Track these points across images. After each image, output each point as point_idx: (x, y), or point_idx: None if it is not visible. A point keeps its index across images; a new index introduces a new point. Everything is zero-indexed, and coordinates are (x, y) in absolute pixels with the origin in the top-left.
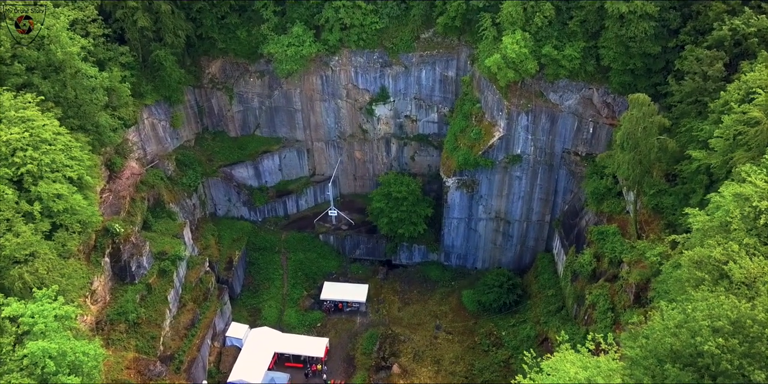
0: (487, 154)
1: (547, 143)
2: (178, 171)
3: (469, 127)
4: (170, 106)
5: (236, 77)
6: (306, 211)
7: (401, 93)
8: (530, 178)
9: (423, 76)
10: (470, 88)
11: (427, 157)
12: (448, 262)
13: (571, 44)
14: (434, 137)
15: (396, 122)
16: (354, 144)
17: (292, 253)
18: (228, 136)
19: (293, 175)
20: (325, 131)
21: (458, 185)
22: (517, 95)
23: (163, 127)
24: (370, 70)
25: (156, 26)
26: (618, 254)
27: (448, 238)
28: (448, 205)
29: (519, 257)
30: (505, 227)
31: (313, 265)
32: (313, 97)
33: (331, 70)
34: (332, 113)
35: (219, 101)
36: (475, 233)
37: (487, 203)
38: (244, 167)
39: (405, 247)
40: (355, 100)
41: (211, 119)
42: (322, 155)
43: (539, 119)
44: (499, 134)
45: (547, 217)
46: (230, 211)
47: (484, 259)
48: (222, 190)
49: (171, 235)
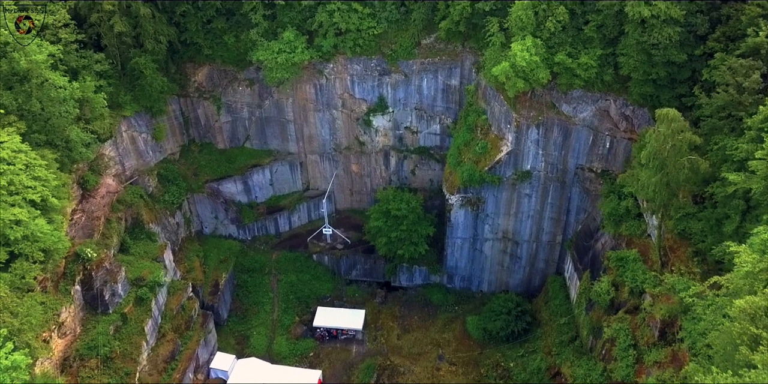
0: (494, 170)
1: (559, 159)
2: (160, 187)
3: (474, 141)
4: (152, 118)
5: (224, 86)
6: (299, 228)
7: (401, 103)
8: (541, 196)
9: (424, 85)
10: (475, 98)
11: (428, 171)
12: (452, 284)
13: (586, 51)
14: (436, 150)
15: (395, 134)
16: (350, 157)
17: (284, 274)
18: (216, 149)
19: (285, 190)
20: (319, 143)
21: (462, 203)
22: (526, 106)
23: (143, 140)
24: (368, 79)
25: (135, 31)
26: (640, 284)
27: (452, 258)
28: (452, 224)
29: (528, 280)
30: (513, 248)
31: (306, 288)
32: (306, 107)
33: (326, 79)
34: (327, 124)
35: (206, 111)
36: (481, 254)
37: (494, 222)
38: (233, 182)
39: (405, 269)
40: (352, 110)
41: (197, 130)
42: (317, 169)
43: (551, 133)
44: (507, 149)
45: (558, 238)
46: (217, 229)
47: (491, 281)
48: (208, 207)
49: (150, 259)
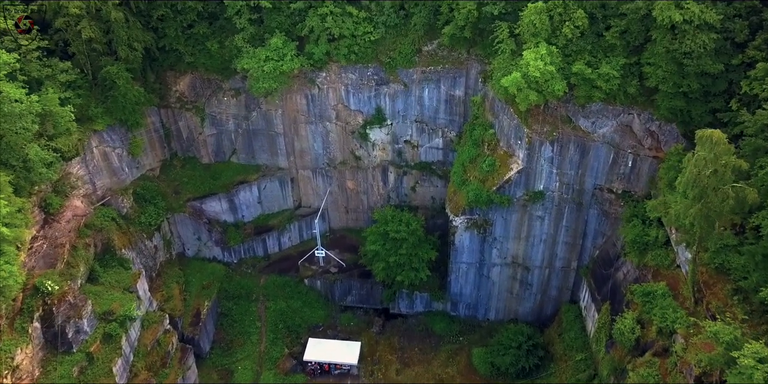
0: (503, 190)
1: (575, 178)
2: (136, 207)
3: (480, 157)
4: (128, 131)
5: (208, 96)
6: (289, 250)
7: (400, 115)
8: (554, 219)
9: (425, 96)
10: (482, 111)
11: (430, 188)
12: (456, 312)
13: (608, 61)
14: (438, 165)
15: (394, 148)
16: (345, 172)
17: (272, 301)
18: (199, 163)
19: (275, 208)
20: (311, 158)
21: (468, 225)
22: (539, 121)
23: (118, 156)
24: (364, 89)
25: (107, 37)
26: (670, 323)
27: (456, 285)
28: (456, 248)
29: (539, 308)
30: (523, 274)
31: (297, 316)
32: (297, 119)
33: (318, 89)
34: (320, 137)
35: (188, 123)
36: (488, 280)
37: (503, 247)
38: (217, 200)
39: (405, 295)
40: (347, 122)
41: (179, 144)
42: (309, 185)
43: (567, 150)
44: (517, 167)
45: (573, 264)
46: (200, 251)
47: (498, 309)
48: (190, 228)
49: (122, 289)
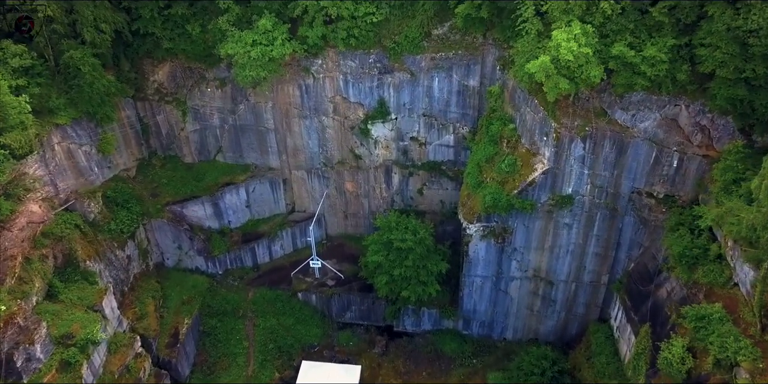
0: (526, 194)
1: (610, 180)
2: (106, 213)
3: (499, 156)
4: (97, 126)
5: (190, 87)
6: (281, 259)
7: (406, 108)
8: (584, 227)
9: (435, 86)
10: (500, 103)
11: (439, 191)
12: (468, 330)
13: (654, 41)
14: (449, 165)
15: (399, 146)
16: (344, 173)
17: (262, 317)
18: (181, 163)
19: (265, 213)
20: (306, 157)
21: (484, 234)
22: (569, 114)
23: (85, 154)
24: (365, 78)
25: (70, 18)
26: (732, 354)
27: (469, 300)
28: (470, 259)
29: (562, 327)
30: (546, 289)
31: (289, 335)
32: (289, 113)
33: (313, 78)
34: (315, 134)
35: (168, 118)
36: (506, 296)
37: (523, 258)
38: (200, 204)
39: (411, 311)
40: (345, 116)
41: (159, 141)
42: (303, 187)
43: (601, 147)
44: (542, 167)
45: (604, 278)
46: (181, 261)
47: (516, 327)
48: (169, 235)
49: (85, 307)
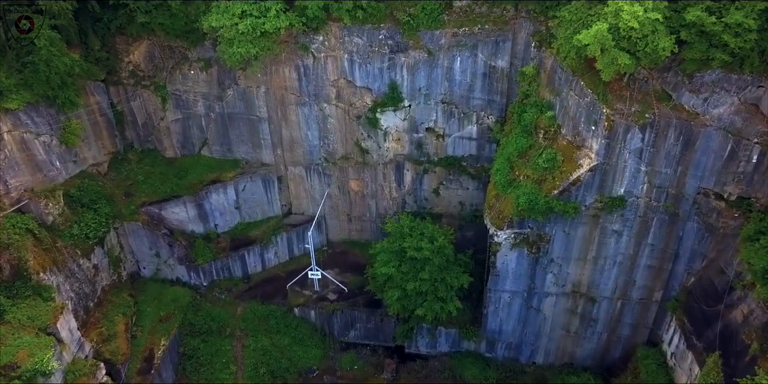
0: (568, 195)
1: (672, 179)
2: (68, 215)
3: (534, 149)
4: (58, 112)
5: (170, 69)
6: (275, 269)
7: (421, 93)
8: (636, 235)
9: (456, 67)
10: (535, 87)
11: (458, 191)
12: (492, 353)
13: (739, 5)
14: (471, 161)
15: (413, 138)
16: (348, 170)
17: (252, 337)
18: (161, 157)
19: (257, 216)
20: (304, 151)
21: (516, 242)
22: (624, 98)
23: (44, 145)
24: (374, 58)
25: None
26: None
27: (494, 319)
28: (498, 272)
29: (603, 351)
30: (586, 307)
31: (284, 357)
32: (285, 100)
33: (313, 58)
34: (315, 124)
35: (146, 105)
36: (538, 314)
37: (561, 271)
38: (182, 205)
39: (426, 331)
40: (351, 104)
41: (135, 131)
42: (301, 186)
43: (663, 138)
44: (589, 162)
45: (656, 295)
46: (159, 271)
47: (549, 350)
48: (145, 241)
49: (36, 329)
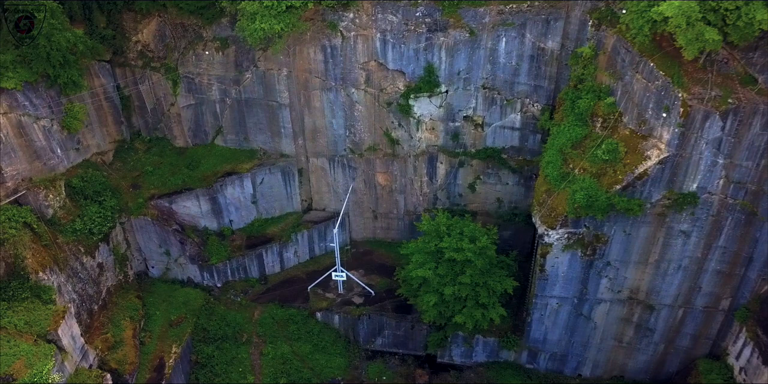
0: (632, 191)
1: (753, 173)
2: (70, 208)
3: (591, 139)
4: (59, 94)
5: (182, 49)
6: (294, 270)
7: (460, 77)
8: (706, 236)
9: (501, 49)
10: (591, 70)
11: (497, 186)
12: (534, 364)
13: None
14: (512, 154)
15: (448, 127)
16: (376, 162)
17: (271, 344)
18: (171, 147)
19: (275, 211)
20: (328, 140)
21: (569, 243)
22: (702, 81)
23: (44, 130)
24: (409, 38)
25: None
26: None
27: (539, 327)
28: (546, 276)
29: (658, 363)
30: (643, 315)
31: (305, 366)
32: (309, 84)
33: (342, 37)
34: (341, 111)
35: (155, 89)
36: (588, 322)
37: (618, 275)
38: (194, 198)
39: (461, 339)
40: (381, 88)
41: (143, 118)
42: (324, 179)
43: (747, 127)
44: (659, 154)
45: (723, 303)
46: (169, 270)
47: (597, 362)
48: (154, 238)
49: (35, 336)
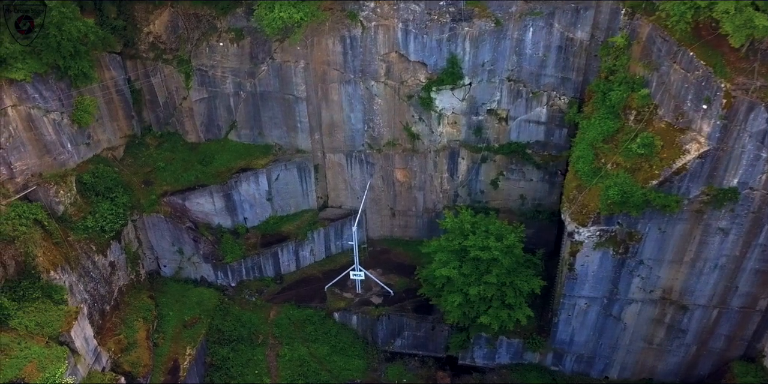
0: (670, 186)
1: None
2: (81, 204)
3: (624, 133)
4: (70, 87)
5: (195, 40)
6: (310, 268)
7: (485, 69)
8: (745, 233)
9: (528, 39)
10: (624, 60)
11: (520, 183)
12: (560, 366)
13: None
14: (537, 148)
15: (471, 121)
16: (395, 158)
17: (287, 345)
18: (183, 142)
19: (290, 209)
20: (346, 135)
21: (600, 241)
22: (746, 71)
23: (54, 124)
24: (432, 28)
25: None
26: None
27: (566, 328)
28: (575, 275)
29: (689, 365)
30: (675, 316)
31: (323, 368)
32: (327, 77)
33: (362, 27)
34: (360, 104)
35: (167, 82)
36: (617, 323)
37: (651, 274)
38: (207, 195)
39: (484, 340)
40: (402, 81)
41: (154, 112)
42: (340, 175)
43: None
44: (699, 148)
45: (761, 304)
46: (182, 269)
47: (625, 364)
48: (167, 236)
49: (47, 337)
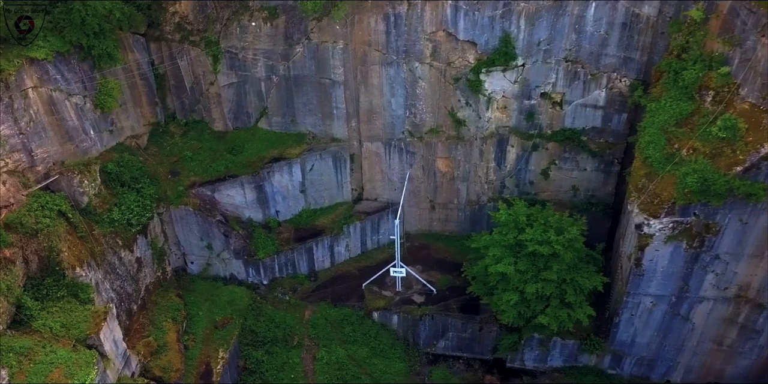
0: (756, 173)
1: None
2: (106, 195)
3: (701, 116)
4: (93, 68)
5: (225, 20)
6: (345, 265)
7: (540, 49)
8: None
9: (589, 16)
10: (700, 37)
11: (573, 172)
12: (618, 369)
13: None
14: (594, 135)
15: (522, 106)
16: (437, 146)
17: (324, 346)
18: (210, 130)
19: (324, 201)
20: (385, 122)
21: (674, 233)
22: None
23: (76, 108)
24: (485, 4)
25: None
26: None
27: (627, 328)
28: (642, 271)
29: (762, 369)
30: (750, 315)
31: (363, 372)
32: (367, 58)
33: (407, 4)
34: (402, 89)
35: (194, 66)
36: (685, 323)
37: (726, 270)
38: (238, 186)
39: (536, 341)
40: (449, 62)
41: (179, 98)
42: (377, 166)
43: None
44: None
45: None
46: (212, 266)
47: (691, 367)
48: (195, 230)
49: (73, 340)
